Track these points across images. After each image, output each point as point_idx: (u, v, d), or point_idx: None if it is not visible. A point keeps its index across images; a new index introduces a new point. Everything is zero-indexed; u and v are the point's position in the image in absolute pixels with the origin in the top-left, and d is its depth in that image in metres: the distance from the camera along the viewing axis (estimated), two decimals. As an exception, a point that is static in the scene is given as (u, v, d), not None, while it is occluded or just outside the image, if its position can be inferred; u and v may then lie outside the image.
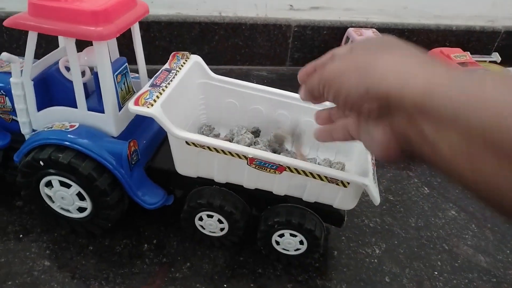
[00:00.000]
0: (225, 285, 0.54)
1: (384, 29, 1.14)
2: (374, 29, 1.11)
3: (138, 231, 0.60)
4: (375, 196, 0.48)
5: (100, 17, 0.46)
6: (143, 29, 1.01)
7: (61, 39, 0.60)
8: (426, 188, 0.77)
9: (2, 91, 0.55)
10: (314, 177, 0.49)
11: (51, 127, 0.53)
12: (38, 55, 0.53)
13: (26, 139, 0.55)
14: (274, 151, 0.59)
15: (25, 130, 0.56)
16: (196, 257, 0.57)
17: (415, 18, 1.19)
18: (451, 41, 1.23)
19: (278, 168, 0.49)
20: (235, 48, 1.11)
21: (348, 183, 0.49)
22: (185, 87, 0.57)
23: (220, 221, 0.55)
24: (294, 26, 1.10)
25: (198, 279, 0.55)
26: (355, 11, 1.14)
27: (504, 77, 0.22)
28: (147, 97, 0.49)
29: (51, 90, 0.56)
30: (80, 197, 0.54)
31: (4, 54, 0.49)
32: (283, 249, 0.56)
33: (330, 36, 1.14)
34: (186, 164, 0.53)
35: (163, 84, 0.52)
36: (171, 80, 0.54)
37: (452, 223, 0.70)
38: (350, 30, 1.09)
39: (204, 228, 0.57)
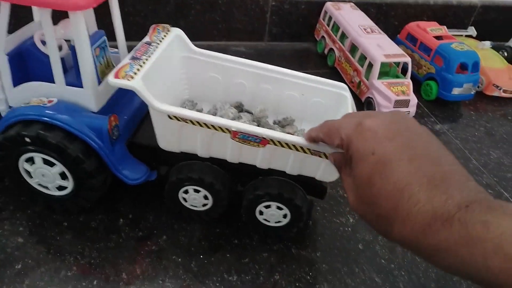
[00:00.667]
0: (201, 256, 0.55)
1: (362, 3, 1.13)
2: (352, 3, 1.10)
3: (114, 206, 0.60)
4: None
5: None
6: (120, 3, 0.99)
7: (35, 12, 0.57)
8: (400, 159, 0.78)
9: None
10: (297, 150, 0.49)
11: (28, 103, 0.51)
12: (10, 31, 0.51)
13: (2, 115, 0.54)
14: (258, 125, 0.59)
15: (1, 107, 0.54)
16: (172, 230, 0.58)
17: (393, -8, 1.19)
18: (429, 15, 1.23)
19: (262, 141, 0.48)
20: (212, 23, 1.09)
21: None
22: (166, 60, 0.56)
23: (205, 197, 0.56)
24: (272, 0, 1.08)
25: (174, 251, 0.55)
26: (333, -15, 1.13)
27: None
28: (128, 70, 0.47)
29: (27, 65, 0.54)
30: (62, 176, 0.53)
31: None
32: (265, 219, 0.57)
33: (308, 10, 1.13)
34: (168, 139, 0.53)
35: (144, 57, 0.51)
36: (152, 53, 0.52)
37: (425, 192, 0.72)
38: (328, 4, 1.08)
39: (186, 201, 0.57)
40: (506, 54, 1.23)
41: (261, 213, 0.56)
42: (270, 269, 0.55)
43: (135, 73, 0.47)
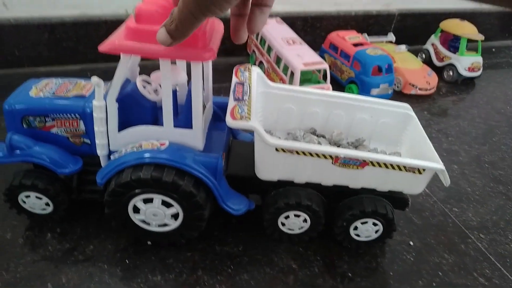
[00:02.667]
0: (127, 261, 0.58)
1: (288, 17, 1.22)
2: (278, 18, 1.18)
3: (40, 222, 0.62)
4: (448, 178, 0.55)
5: (201, 39, 0.47)
6: (47, 31, 1.02)
7: (124, 59, 0.53)
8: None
9: (76, 114, 0.55)
10: (394, 168, 0.54)
11: (140, 147, 0.53)
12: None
13: (102, 160, 0.56)
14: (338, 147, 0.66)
15: (102, 152, 0.56)
16: (99, 239, 0.61)
17: (317, 5, 1.28)
18: (352, 25, 1.33)
19: (362, 164, 0.54)
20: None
21: (424, 170, 0.55)
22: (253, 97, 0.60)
23: (304, 220, 0.60)
24: (203, 19, 1.15)
25: (101, 259, 0.58)
26: (260, 2, 1.21)
27: None
28: (239, 111, 0.52)
29: (126, 110, 0.56)
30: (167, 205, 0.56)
31: (94, 78, 0.51)
32: (356, 235, 0.62)
33: (239, 27, 1.20)
34: (269, 168, 0.57)
35: (245, 97, 0.55)
36: (249, 93, 0.57)
37: (343, 185, 0.78)
38: (256, 20, 1.15)
39: (283, 225, 0.61)
40: (424, 56, 1.35)
41: (355, 228, 0.61)
42: (193, 266, 0.59)
43: (248, 114, 0.52)
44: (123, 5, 1.07)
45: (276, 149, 0.53)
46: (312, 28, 1.29)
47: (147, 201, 0.55)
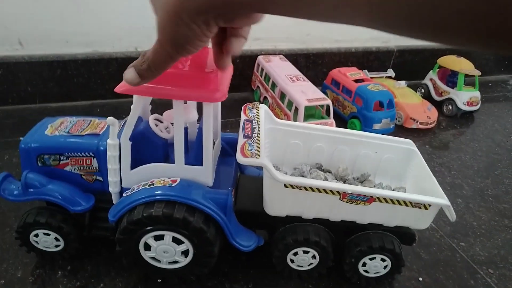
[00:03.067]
0: (138, 300, 0.58)
1: (291, 55, 1.26)
2: (281, 55, 1.23)
3: (51, 260, 0.62)
4: (453, 214, 0.57)
5: (213, 81, 0.49)
6: (60, 68, 1.05)
7: (137, 100, 0.55)
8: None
9: (90, 153, 0.57)
10: (400, 204, 0.56)
11: (152, 184, 0.54)
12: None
13: (114, 198, 0.58)
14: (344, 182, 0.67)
15: (115, 189, 0.57)
16: (109, 277, 0.61)
17: (319, 43, 1.33)
18: (352, 61, 1.38)
19: (369, 199, 0.55)
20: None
21: (430, 205, 0.56)
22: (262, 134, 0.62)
23: (313, 257, 0.61)
24: (209, 57, 1.19)
25: (111, 297, 0.58)
26: (263, 40, 1.26)
27: None
28: (249, 148, 0.54)
29: (138, 148, 0.57)
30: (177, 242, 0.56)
31: (110, 118, 0.52)
32: (365, 271, 0.63)
33: (243, 63, 1.24)
34: (278, 204, 0.58)
35: (254, 135, 0.57)
36: (258, 130, 0.59)
37: (350, 219, 0.79)
38: (260, 57, 1.20)
39: (292, 262, 0.62)
40: (423, 91, 1.38)
41: (364, 264, 0.62)
42: (204, 304, 0.59)
43: (258, 151, 0.53)
44: (133, 43, 1.11)
45: (285, 185, 0.54)
46: (314, 65, 1.33)
47: (158, 238, 0.55)
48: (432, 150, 1.10)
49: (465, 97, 1.26)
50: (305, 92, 0.99)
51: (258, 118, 0.62)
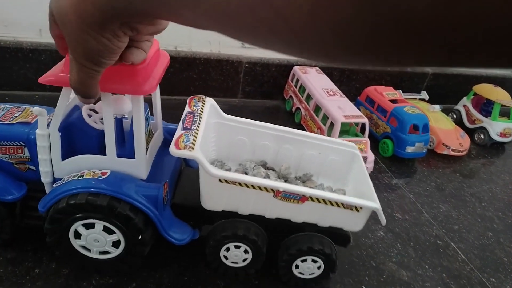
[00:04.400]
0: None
1: (326, 68, 1.26)
2: (318, 68, 1.22)
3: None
4: (383, 218, 0.58)
5: (142, 72, 0.48)
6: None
7: (67, 92, 0.53)
8: (358, 211, 0.85)
9: (21, 142, 0.56)
10: (332, 205, 0.56)
11: (82, 176, 0.54)
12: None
13: (47, 187, 0.56)
14: (285, 181, 0.67)
15: (46, 179, 0.56)
16: (141, 278, 0.61)
17: (354, 58, 1.32)
18: (387, 80, 1.37)
19: (301, 198, 0.55)
20: (190, 80, 1.17)
21: (361, 208, 0.56)
22: (205, 127, 0.61)
23: (245, 251, 0.60)
24: (245, 62, 1.19)
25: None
26: (300, 51, 1.25)
27: None
28: (185, 140, 0.53)
29: (72, 138, 0.57)
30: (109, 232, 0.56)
31: (36, 108, 0.52)
32: (299, 273, 0.62)
33: (278, 72, 1.24)
34: (214, 199, 0.58)
35: (194, 127, 0.57)
36: (199, 123, 0.58)
37: (380, 243, 0.78)
38: (296, 68, 1.19)
39: (227, 259, 0.61)
40: (455, 116, 1.37)
41: (297, 267, 0.62)
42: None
43: (193, 143, 0.53)
44: (172, 42, 1.12)
45: (220, 180, 0.54)
46: (348, 80, 1.32)
47: (88, 226, 0.55)
48: (462, 178, 1.08)
49: (498, 128, 1.24)
50: (342, 108, 0.99)
51: (202, 112, 0.61)
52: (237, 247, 0.59)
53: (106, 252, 0.57)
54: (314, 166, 0.71)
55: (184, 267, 0.63)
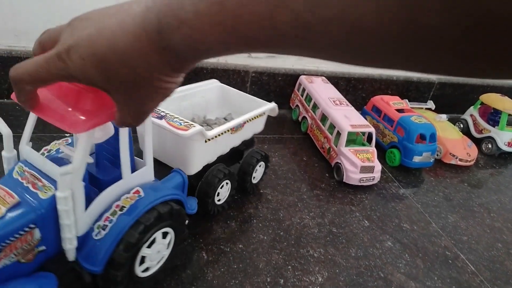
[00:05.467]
0: (176, 313, 0.57)
1: (332, 77, 1.26)
2: (324, 77, 1.22)
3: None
4: (276, 110, 0.82)
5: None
6: None
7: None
8: (366, 221, 0.84)
9: (31, 225, 0.42)
10: (253, 119, 0.77)
11: (121, 208, 0.49)
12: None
13: (71, 254, 0.47)
14: None
15: (70, 246, 0.46)
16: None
17: (361, 68, 1.33)
18: (393, 89, 1.37)
19: (242, 125, 0.73)
20: (197, 90, 1.18)
21: (264, 113, 0.79)
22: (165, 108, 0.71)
23: (226, 184, 0.74)
24: (252, 72, 1.20)
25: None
26: (306, 60, 1.26)
27: None
28: (178, 123, 0.62)
29: None
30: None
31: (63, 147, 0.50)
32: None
33: (284, 82, 1.24)
34: (198, 161, 0.67)
35: (162, 113, 0.65)
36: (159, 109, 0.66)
37: (388, 253, 0.77)
38: (302, 77, 1.20)
39: (219, 201, 0.74)
40: (462, 126, 1.36)
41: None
42: None
43: (186, 122, 0.63)
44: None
45: (206, 140, 0.65)
46: (354, 89, 1.33)
47: (150, 244, 0.53)
48: (471, 188, 1.07)
49: (506, 137, 1.23)
50: (348, 117, 0.99)
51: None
52: (222, 185, 0.71)
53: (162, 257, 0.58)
54: (230, 107, 0.89)
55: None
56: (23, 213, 0.42)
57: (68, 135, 0.56)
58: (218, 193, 0.71)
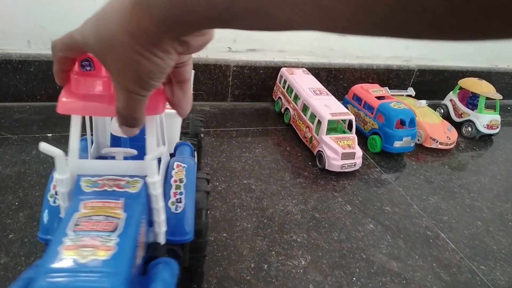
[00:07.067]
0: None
1: (313, 68, 1.28)
2: (304, 68, 1.24)
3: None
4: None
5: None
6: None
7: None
8: (348, 206, 0.86)
9: (142, 216, 0.44)
10: None
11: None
12: None
13: (161, 238, 0.48)
14: None
15: (164, 228, 0.48)
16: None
17: (341, 58, 1.35)
18: (373, 78, 1.39)
19: None
20: (179, 86, 1.19)
21: None
22: None
23: None
24: (233, 66, 1.21)
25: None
26: (287, 53, 1.28)
27: None
28: None
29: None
30: None
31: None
32: None
33: (266, 74, 1.25)
34: None
35: None
36: None
37: (370, 235, 0.79)
38: (283, 69, 1.21)
39: None
40: (442, 111, 1.39)
41: None
42: (226, 310, 0.59)
43: None
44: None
45: None
46: (335, 79, 1.34)
47: None
48: (451, 171, 1.09)
49: (485, 120, 1.26)
50: (328, 106, 1.00)
51: None
52: None
53: None
54: None
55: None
56: (136, 207, 0.42)
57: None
58: None
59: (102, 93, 0.38)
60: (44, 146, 0.40)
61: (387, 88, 1.25)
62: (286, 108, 1.16)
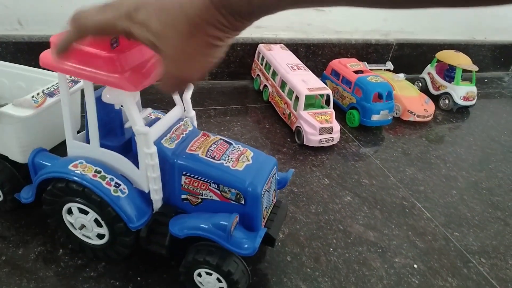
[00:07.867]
0: (138, 278, 0.59)
1: (291, 44, 1.26)
2: (282, 44, 1.22)
3: (53, 237, 0.62)
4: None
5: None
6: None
7: None
8: (326, 180, 0.87)
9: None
10: None
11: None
12: None
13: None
14: None
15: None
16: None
17: (319, 33, 1.33)
18: (352, 53, 1.38)
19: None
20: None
21: None
22: None
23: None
24: (210, 43, 1.18)
25: (113, 276, 0.58)
26: (265, 29, 1.26)
27: None
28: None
29: None
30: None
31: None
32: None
33: (244, 51, 1.24)
34: None
35: None
36: None
37: (347, 207, 0.80)
38: (261, 46, 1.20)
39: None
40: (420, 84, 1.40)
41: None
42: (204, 285, 0.59)
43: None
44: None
45: None
46: (314, 55, 1.33)
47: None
48: (428, 143, 1.11)
49: (462, 92, 1.27)
50: (306, 81, 1.00)
51: None
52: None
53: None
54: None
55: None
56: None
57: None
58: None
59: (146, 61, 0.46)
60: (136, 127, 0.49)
61: (365, 62, 1.25)
62: (265, 85, 1.15)
